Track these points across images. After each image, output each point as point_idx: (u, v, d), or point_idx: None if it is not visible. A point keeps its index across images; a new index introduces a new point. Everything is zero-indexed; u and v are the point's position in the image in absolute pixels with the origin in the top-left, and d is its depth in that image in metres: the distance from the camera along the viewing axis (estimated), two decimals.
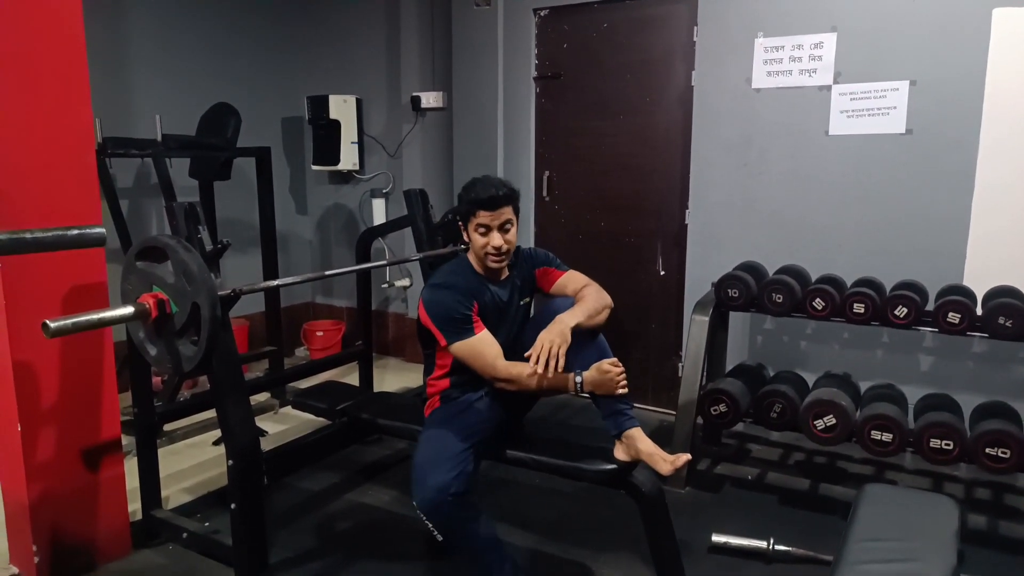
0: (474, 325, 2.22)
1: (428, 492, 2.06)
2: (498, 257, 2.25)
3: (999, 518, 2.88)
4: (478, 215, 2.21)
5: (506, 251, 2.25)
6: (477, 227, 2.23)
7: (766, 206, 3.61)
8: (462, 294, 2.23)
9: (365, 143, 4.91)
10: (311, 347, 4.92)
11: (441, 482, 2.06)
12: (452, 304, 2.21)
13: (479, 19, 4.26)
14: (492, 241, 2.22)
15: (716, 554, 2.61)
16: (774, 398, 2.93)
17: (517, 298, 2.39)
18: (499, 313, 2.35)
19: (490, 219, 2.20)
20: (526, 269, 2.42)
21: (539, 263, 2.43)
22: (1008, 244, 3.13)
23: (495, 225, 2.21)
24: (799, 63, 3.45)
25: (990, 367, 3.22)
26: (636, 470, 2.24)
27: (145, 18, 4.15)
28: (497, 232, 2.22)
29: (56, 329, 1.89)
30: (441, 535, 2.10)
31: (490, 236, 2.22)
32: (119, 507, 2.60)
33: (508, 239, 2.24)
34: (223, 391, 2.31)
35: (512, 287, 2.38)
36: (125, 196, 3.98)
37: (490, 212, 2.20)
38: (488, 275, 2.33)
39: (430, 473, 2.10)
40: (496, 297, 2.33)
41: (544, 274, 2.42)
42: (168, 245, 2.11)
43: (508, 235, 2.24)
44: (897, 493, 2.22)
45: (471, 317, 2.22)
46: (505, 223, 2.23)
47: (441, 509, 2.07)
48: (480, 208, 2.20)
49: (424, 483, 2.09)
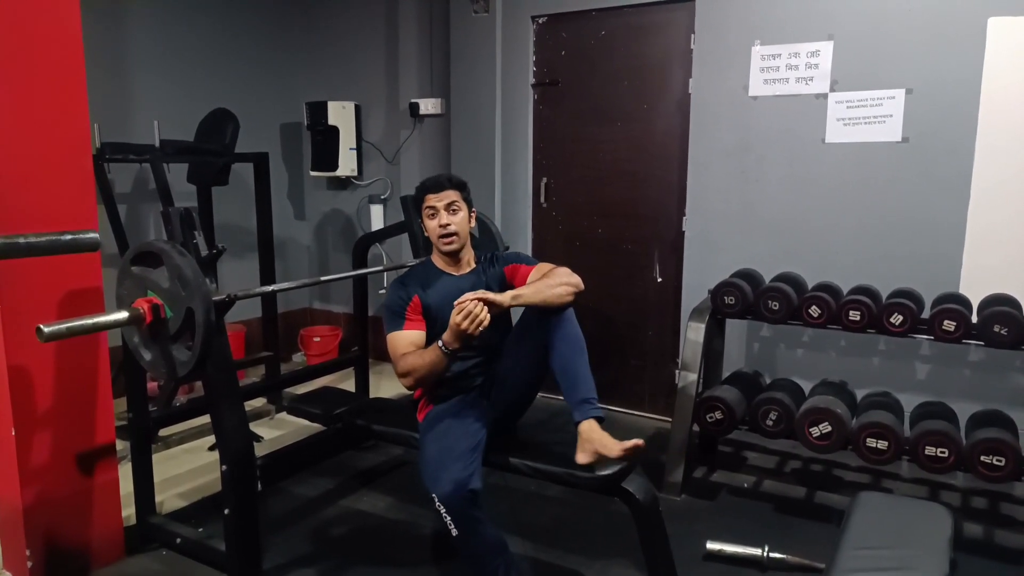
0: (405, 320, 2.31)
1: (446, 485, 2.06)
2: (448, 238, 2.36)
3: (994, 527, 2.88)
4: (426, 199, 2.38)
5: (455, 231, 2.36)
6: (426, 210, 2.38)
7: (763, 213, 3.61)
8: (407, 288, 2.36)
9: (363, 149, 4.92)
10: (308, 353, 4.92)
11: (458, 477, 2.07)
12: (392, 298, 2.36)
13: (477, 26, 4.27)
14: (439, 220, 2.35)
15: (711, 562, 2.60)
16: (770, 406, 2.93)
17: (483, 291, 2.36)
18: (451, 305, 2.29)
19: (436, 200, 2.36)
20: (496, 267, 2.47)
21: (509, 261, 2.48)
22: (1004, 252, 3.13)
23: (441, 206, 2.35)
24: (796, 71, 3.46)
25: (986, 375, 3.22)
26: (630, 477, 2.24)
27: (144, 23, 4.17)
28: (444, 212, 2.35)
29: (50, 334, 1.90)
30: (456, 530, 2.10)
31: (438, 216, 2.36)
32: (113, 512, 2.59)
33: (456, 220, 2.36)
34: (218, 396, 2.31)
35: (476, 280, 2.42)
36: (123, 201, 3.98)
37: (435, 194, 2.37)
38: (448, 266, 2.44)
39: (444, 468, 2.10)
40: (455, 287, 2.34)
41: (514, 271, 2.43)
42: (163, 250, 2.12)
43: (456, 216, 2.37)
44: (890, 501, 2.23)
45: (404, 311, 2.33)
46: (451, 204, 2.36)
47: (460, 503, 2.06)
48: (426, 192, 2.39)
49: (439, 478, 2.09)
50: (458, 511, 2.07)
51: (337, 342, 4.94)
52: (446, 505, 2.07)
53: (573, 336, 2.22)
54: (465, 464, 2.12)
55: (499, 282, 2.42)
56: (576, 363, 2.20)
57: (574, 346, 2.21)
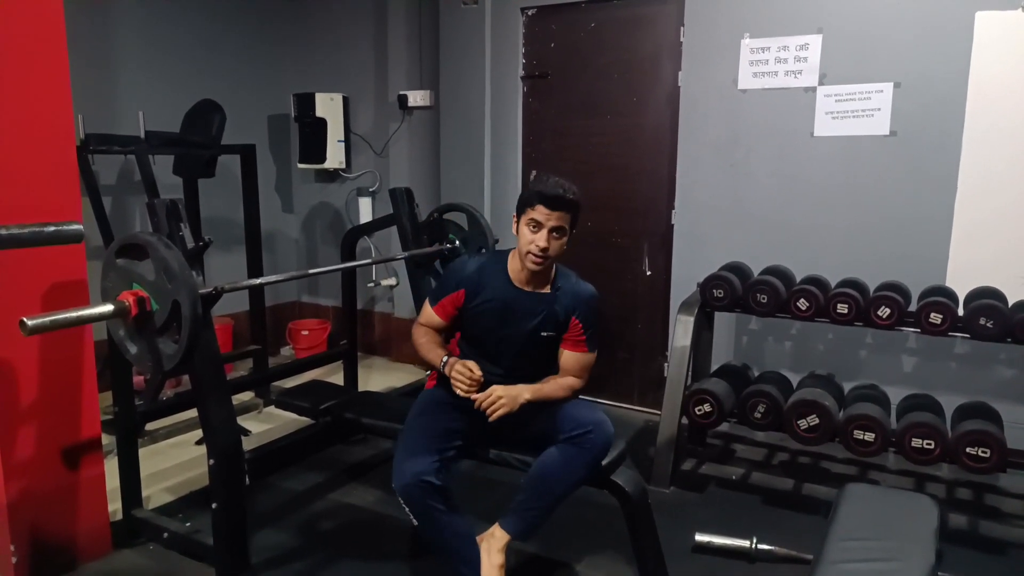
0: (439, 303, 2.34)
1: (405, 477, 2.10)
2: (538, 259, 2.18)
3: (979, 518, 2.91)
4: (536, 208, 2.17)
5: (549, 256, 2.19)
6: (530, 221, 2.18)
7: (752, 207, 3.62)
8: (461, 277, 2.32)
9: (352, 141, 4.89)
10: (296, 346, 4.90)
11: (419, 469, 2.10)
12: (447, 280, 2.37)
13: (466, 18, 4.25)
14: (538, 241, 2.16)
15: (699, 553, 2.61)
16: (758, 398, 2.94)
17: (539, 320, 2.28)
18: (504, 317, 2.28)
19: (545, 217, 2.16)
20: (568, 304, 2.30)
21: (582, 314, 2.30)
22: (990, 245, 3.15)
23: (548, 225, 2.16)
24: (785, 64, 3.46)
25: (972, 368, 3.24)
26: (619, 470, 2.25)
27: (129, 13, 4.11)
28: (546, 233, 2.16)
29: (34, 327, 1.87)
30: (416, 520, 2.14)
31: (539, 234, 2.16)
32: (99, 507, 2.57)
33: (554, 245, 2.19)
34: (205, 390, 2.29)
35: (541, 307, 2.28)
36: (108, 193, 3.94)
37: (548, 210, 2.16)
38: (521, 280, 2.28)
39: (409, 459, 2.14)
40: (513, 301, 2.27)
41: (575, 330, 2.31)
42: (148, 242, 2.09)
43: (556, 241, 2.19)
44: (877, 492, 2.24)
45: (445, 295, 2.33)
46: (557, 228, 2.18)
47: (417, 494, 2.10)
48: (540, 202, 2.16)
49: (400, 470, 2.13)
50: (416, 502, 2.11)
51: (326, 335, 4.92)
52: (403, 496, 2.12)
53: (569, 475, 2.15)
54: (428, 457, 2.13)
55: (557, 324, 2.30)
56: (547, 487, 2.16)
57: (561, 480, 2.15)
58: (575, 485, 2.18)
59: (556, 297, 2.30)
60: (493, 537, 2.19)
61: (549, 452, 2.16)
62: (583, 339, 2.32)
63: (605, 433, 2.16)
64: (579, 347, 2.32)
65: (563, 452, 2.15)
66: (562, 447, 2.15)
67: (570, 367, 2.33)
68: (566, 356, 2.33)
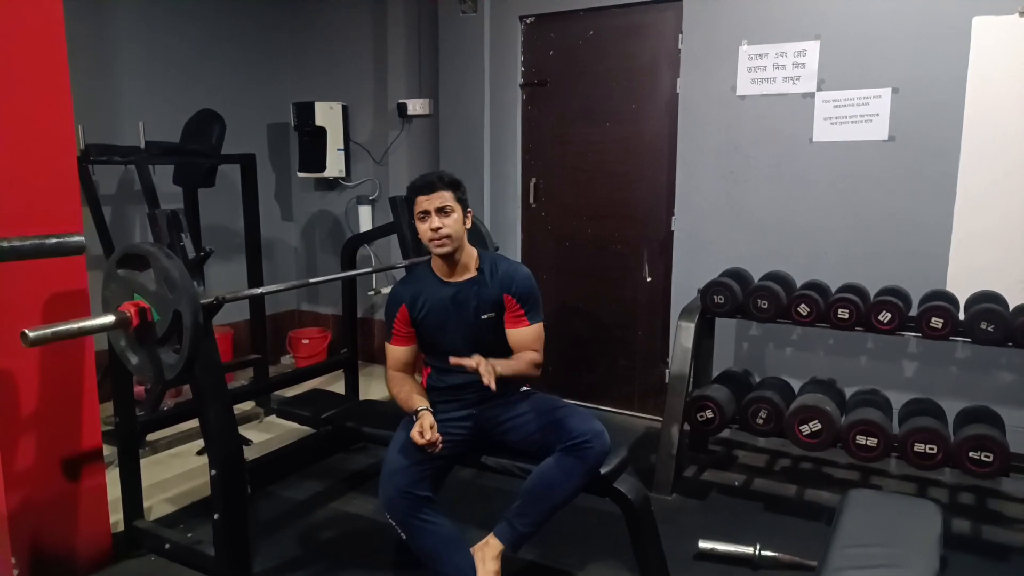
0: (394, 334, 2.40)
1: (390, 491, 2.15)
2: (439, 240, 2.26)
3: (982, 523, 2.90)
4: (417, 201, 2.28)
5: (446, 234, 2.26)
6: (419, 215, 2.29)
7: (751, 213, 3.62)
8: (398, 298, 2.38)
9: (351, 150, 4.90)
10: (297, 355, 4.90)
11: (404, 482, 2.14)
12: (388, 308, 2.42)
13: (465, 26, 4.27)
14: (431, 223, 2.26)
15: (702, 561, 2.61)
16: (760, 404, 2.94)
17: (476, 305, 2.33)
18: (445, 312, 2.33)
19: (427, 203, 2.26)
20: (498, 284, 2.34)
21: (515, 290, 2.34)
22: (990, 249, 3.15)
23: (432, 208, 2.26)
24: (783, 70, 3.47)
25: (973, 372, 3.24)
26: (621, 477, 2.24)
27: (129, 23, 4.13)
28: (435, 215, 2.25)
29: (35, 338, 1.87)
30: (404, 534, 2.18)
31: (429, 219, 2.26)
32: (100, 517, 2.57)
33: (448, 222, 2.26)
34: (206, 400, 2.29)
35: (472, 292, 2.33)
36: (108, 203, 3.94)
37: (426, 196, 2.27)
38: (444, 271, 2.36)
39: (394, 473, 2.18)
40: (448, 296, 2.33)
41: (512, 306, 2.34)
42: (149, 252, 2.10)
43: (448, 218, 2.26)
44: (880, 498, 2.23)
45: (393, 324, 2.39)
46: (444, 207, 2.26)
47: (401, 508, 2.13)
48: (416, 194, 2.29)
49: (387, 481, 2.17)
50: (400, 517, 2.15)
51: (326, 344, 4.91)
52: (388, 510, 2.17)
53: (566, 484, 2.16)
54: (412, 472, 2.18)
55: (493, 304, 2.34)
56: (544, 495, 2.16)
57: (558, 489, 2.16)
58: (571, 494, 2.18)
59: (483, 279, 2.36)
60: (487, 545, 2.19)
61: (547, 462, 2.18)
62: (522, 313, 2.35)
63: (603, 443, 2.17)
64: (520, 322, 2.36)
65: (561, 461, 2.15)
66: (560, 456, 2.16)
67: (518, 343, 2.35)
68: (512, 335, 2.36)
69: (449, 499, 2.48)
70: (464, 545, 2.22)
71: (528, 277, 2.39)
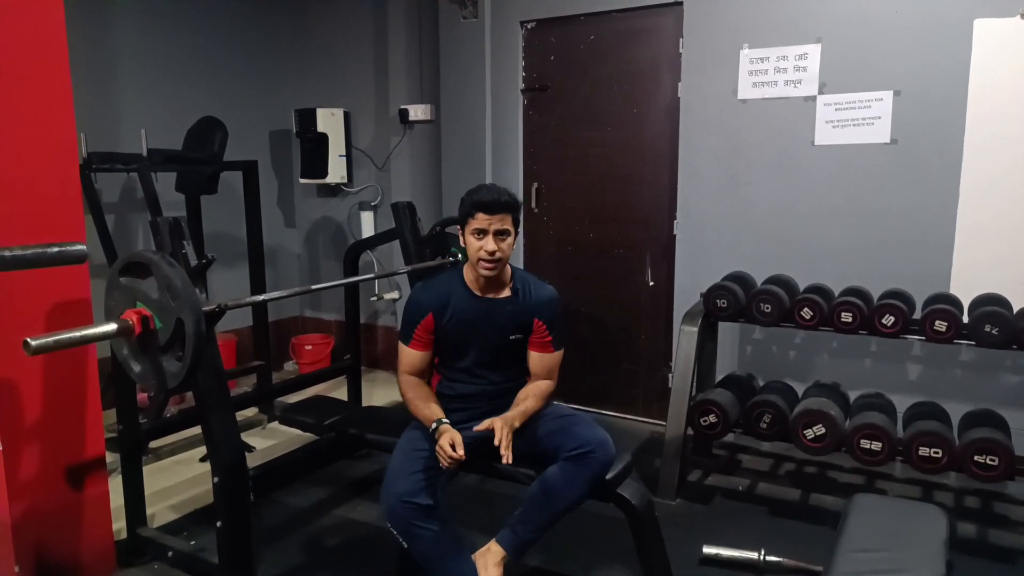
0: (413, 337, 2.32)
1: (391, 499, 2.13)
2: (490, 264, 2.22)
3: (988, 526, 2.88)
4: (476, 217, 2.21)
5: (499, 259, 2.22)
6: (474, 231, 2.22)
7: (754, 216, 3.62)
8: (423, 304, 2.31)
9: (353, 156, 4.91)
10: (300, 361, 4.90)
11: (405, 491, 2.12)
12: (410, 308, 2.34)
13: (466, 32, 4.27)
14: (486, 245, 2.20)
15: (707, 566, 2.60)
16: (764, 408, 2.93)
17: (505, 325, 2.32)
18: (473, 327, 2.31)
19: (487, 223, 2.20)
20: (530, 307, 2.33)
21: (545, 316, 2.34)
22: (993, 252, 3.15)
23: (491, 230, 2.20)
24: (784, 74, 3.47)
25: (977, 375, 3.23)
26: (625, 483, 2.23)
27: (131, 32, 4.14)
28: (492, 237, 2.20)
29: (37, 347, 1.87)
30: (406, 543, 2.15)
31: (485, 240, 2.21)
32: (104, 525, 2.57)
33: (502, 247, 2.22)
34: (208, 407, 2.28)
35: (506, 311, 2.31)
36: (111, 211, 3.95)
37: (488, 216, 2.20)
38: (480, 288, 2.32)
39: (396, 481, 2.15)
40: (481, 311, 2.30)
41: (540, 330, 2.34)
42: (151, 260, 2.09)
43: (503, 243, 2.22)
44: (885, 503, 2.23)
45: (415, 327, 2.31)
46: (502, 231, 2.22)
47: (403, 516, 2.11)
48: (479, 210, 2.21)
49: (389, 490, 2.15)
50: (401, 525, 2.13)
51: (329, 350, 4.91)
52: (389, 518, 2.14)
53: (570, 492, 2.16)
54: (420, 477, 2.15)
55: (523, 326, 2.33)
56: (547, 502, 2.16)
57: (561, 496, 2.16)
58: (575, 502, 2.18)
59: (517, 300, 2.34)
60: (490, 552, 2.19)
61: (551, 469, 2.17)
62: (548, 340, 2.36)
63: (607, 452, 2.18)
64: (545, 348, 2.36)
65: (565, 469, 2.15)
66: (564, 464, 2.15)
67: (539, 369, 2.37)
68: (534, 358, 2.37)
69: (453, 504, 2.48)
70: (466, 552, 2.21)
71: (555, 299, 2.39)
